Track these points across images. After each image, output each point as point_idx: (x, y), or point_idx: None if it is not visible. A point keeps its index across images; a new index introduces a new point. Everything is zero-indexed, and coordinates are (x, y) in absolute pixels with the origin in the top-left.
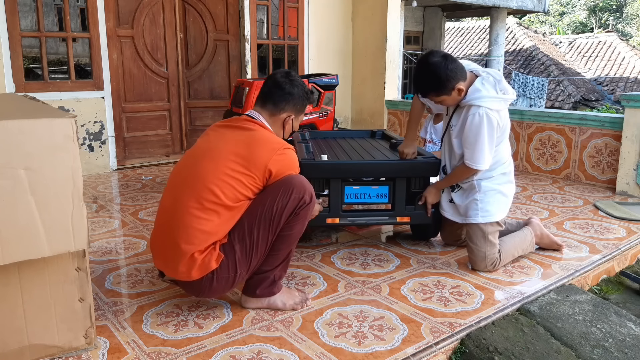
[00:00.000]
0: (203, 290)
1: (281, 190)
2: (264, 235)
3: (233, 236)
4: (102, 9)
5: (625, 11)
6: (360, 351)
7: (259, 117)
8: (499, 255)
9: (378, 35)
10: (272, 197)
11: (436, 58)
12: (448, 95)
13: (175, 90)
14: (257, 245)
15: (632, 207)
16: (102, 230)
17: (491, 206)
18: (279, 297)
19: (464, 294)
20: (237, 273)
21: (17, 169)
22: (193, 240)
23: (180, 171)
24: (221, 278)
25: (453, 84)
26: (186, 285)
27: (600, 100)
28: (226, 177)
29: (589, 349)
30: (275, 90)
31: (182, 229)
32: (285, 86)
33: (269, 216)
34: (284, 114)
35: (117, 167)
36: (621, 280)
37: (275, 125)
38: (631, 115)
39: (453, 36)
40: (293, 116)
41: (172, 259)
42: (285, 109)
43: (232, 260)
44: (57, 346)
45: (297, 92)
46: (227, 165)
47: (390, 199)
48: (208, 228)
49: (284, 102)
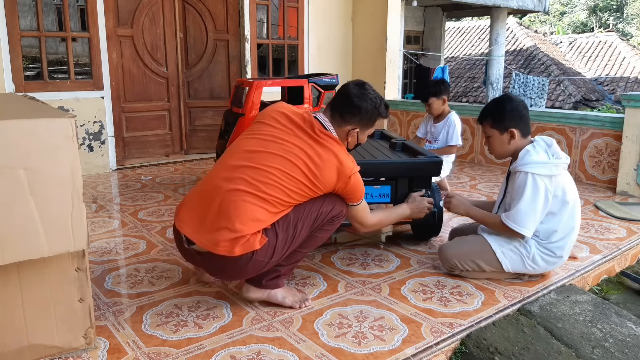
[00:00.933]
0: (233, 269)
1: (328, 198)
2: (304, 231)
3: (278, 225)
4: (101, 9)
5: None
6: (361, 351)
7: (329, 125)
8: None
9: (378, 35)
10: (320, 201)
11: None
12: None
13: (175, 90)
14: (296, 239)
15: (633, 207)
16: (102, 230)
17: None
18: (280, 291)
19: (464, 294)
20: (272, 259)
21: (17, 169)
22: (248, 223)
23: (246, 154)
24: (257, 261)
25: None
26: (214, 259)
27: (600, 100)
28: (292, 180)
29: (590, 349)
30: (344, 102)
31: (240, 210)
32: (354, 99)
33: (314, 216)
34: (349, 127)
35: (117, 167)
36: (622, 281)
37: (340, 136)
38: (632, 115)
39: (453, 36)
40: (358, 130)
41: (215, 232)
42: (350, 121)
43: (272, 246)
44: (57, 346)
45: (366, 106)
46: (295, 171)
47: (392, 198)
48: (263, 217)
49: (350, 115)
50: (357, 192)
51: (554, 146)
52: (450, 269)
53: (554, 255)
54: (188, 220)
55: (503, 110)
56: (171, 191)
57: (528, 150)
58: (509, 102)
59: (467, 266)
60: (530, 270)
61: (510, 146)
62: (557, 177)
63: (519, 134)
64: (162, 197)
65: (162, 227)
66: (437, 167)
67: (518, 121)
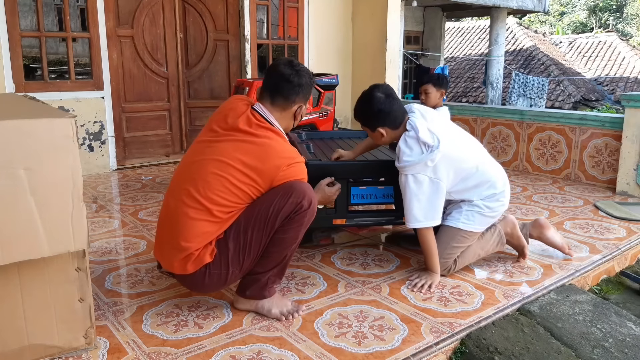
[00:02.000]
0: (196, 285)
1: (280, 193)
2: (257, 236)
3: (228, 234)
4: (102, 9)
5: (625, 11)
6: (361, 351)
7: (270, 116)
8: (453, 263)
9: (378, 35)
10: (270, 199)
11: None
12: (372, 132)
13: (175, 90)
14: (250, 246)
15: (633, 207)
16: (102, 230)
17: (474, 217)
18: (267, 302)
19: (464, 294)
20: (230, 271)
21: (17, 169)
22: (192, 239)
23: (185, 167)
24: (214, 274)
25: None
26: (181, 278)
27: (600, 100)
28: (230, 185)
29: (589, 349)
30: (284, 84)
31: (182, 226)
32: (294, 79)
33: (264, 218)
34: (295, 106)
35: (117, 167)
36: (621, 281)
37: (286, 119)
38: (631, 115)
39: (453, 36)
40: (303, 105)
41: (169, 253)
42: (296, 100)
43: (225, 257)
44: (57, 346)
45: (306, 81)
46: (233, 174)
47: (396, 199)
48: (208, 229)
49: (295, 94)
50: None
51: (421, 134)
52: (445, 270)
53: (495, 194)
54: (156, 244)
55: (367, 113)
56: None
57: (402, 149)
58: (369, 103)
59: (450, 258)
60: (495, 217)
61: (385, 139)
62: (437, 161)
63: (388, 129)
64: (162, 197)
65: None
66: None
67: (384, 120)
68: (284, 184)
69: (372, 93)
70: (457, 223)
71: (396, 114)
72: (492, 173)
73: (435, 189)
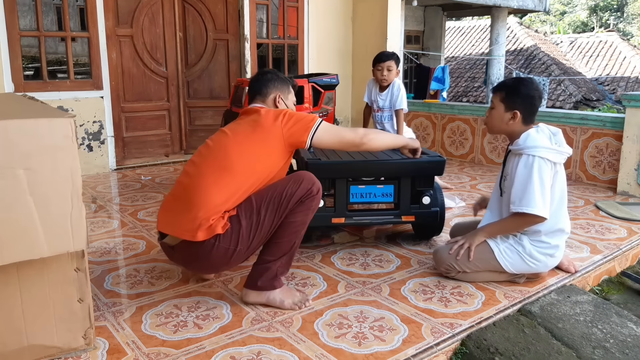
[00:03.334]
0: (200, 257)
1: (292, 179)
2: (270, 216)
3: (241, 211)
4: (101, 9)
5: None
6: (361, 352)
7: (256, 105)
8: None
9: (378, 35)
10: (283, 183)
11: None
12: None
13: (174, 90)
14: (262, 225)
15: (633, 207)
16: (101, 230)
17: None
18: (279, 293)
19: (465, 295)
20: (238, 248)
21: (16, 169)
22: (208, 207)
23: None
24: (221, 247)
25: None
26: (184, 250)
27: (601, 100)
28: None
29: (590, 349)
30: (255, 83)
31: (200, 194)
32: (259, 76)
33: (277, 199)
34: (272, 95)
35: (116, 167)
36: (622, 281)
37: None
38: (632, 115)
39: (453, 35)
40: (281, 94)
41: (181, 220)
42: (269, 91)
43: (237, 232)
44: (56, 347)
45: (271, 76)
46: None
47: (395, 198)
48: (223, 198)
49: (265, 86)
50: (301, 119)
51: (559, 135)
52: (447, 271)
53: (549, 245)
54: (162, 217)
55: (518, 90)
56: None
57: (530, 133)
58: (527, 86)
59: (464, 267)
60: (533, 268)
61: (507, 126)
62: (557, 165)
63: (521, 119)
64: (161, 197)
65: None
66: (440, 166)
67: (526, 106)
68: (292, 174)
69: (532, 79)
70: (495, 247)
71: (536, 110)
72: (564, 224)
73: (550, 185)
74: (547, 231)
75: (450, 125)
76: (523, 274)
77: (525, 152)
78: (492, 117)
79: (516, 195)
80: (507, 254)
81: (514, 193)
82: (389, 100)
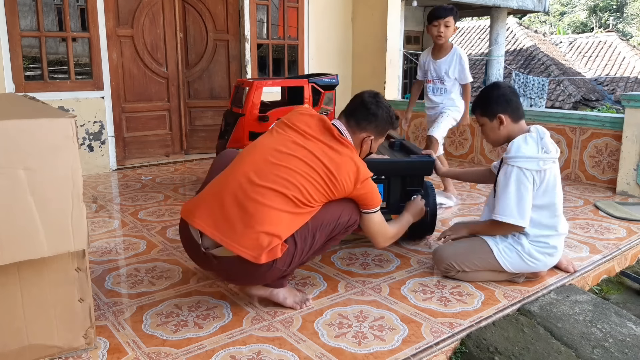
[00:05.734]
0: (252, 275)
1: (346, 209)
2: (322, 239)
3: (297, 233)
4: (101, 9)
5: (625, 11)
6: (361, 351)
7: (346, 132)
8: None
9: (378, 35)
10: (339, 210)
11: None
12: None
13: (175, 90)
14: (314, 247)
15: (633, 207)
16: (102, 230)
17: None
18: (282, 291)
19: (464, 294)
20: (289, 267)
21: (17, 169)
22: (278, 228)
23: (274, 148)
24: (276, 269)
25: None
26: (234, 265)
27: (600, 100)
28: (311, 183)
29: (590, 349)
30: (361, 109)
31: (266, 214)
32: (371, 107)
33: (332, 226)
34: (364, 134)
35: (117, 167)
36: (621, 281)
37: (355, 144)
38: (631, 115)
39: (453, 36)
40: (372, 137)
41: (242, 233)
42: (366, 128)
43: (291, 254)
44: (57, 346)
45: (382, 114)
46: (314, 175)
47: (385, 196)
48: (288, 221)
49: (367, 122)
50: (373, 197)
51: (546, 139)
52: (446, 270)
53: (548, 245)
54: (206, 216)
55: (489, 97)
56: (171, 191)
57: (519, 143)
58: (495, 89)
59: (464, 267)
60: (532, 267)
61: (501, 132)
62: (545, 171)
63: (509, 119)
64: (162, 197)
65: (162, 227)
66: (429, 166)
67: (505, 106)
68: (348, 203)
69: (496, 82)
70: (494, 246)
71: (518, 105)
72: (560, 224)
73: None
74: (545, 231)
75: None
76: (522, 274)
77: (507, 161)
78: (486, 132)
79: (496, 203)
80: (507, 253)
81: (496, 200)
82: (450, 71)
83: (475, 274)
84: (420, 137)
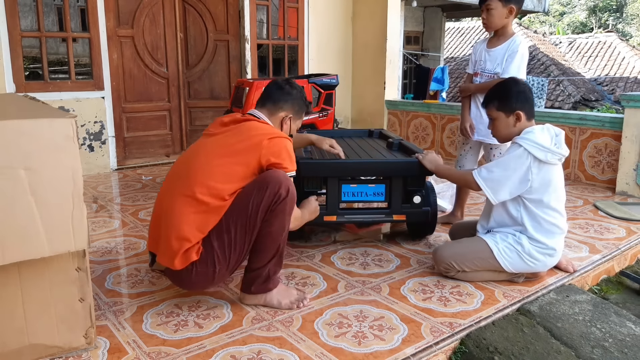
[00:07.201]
0: (184, 282)
1: (256, 187)
2: (241, 234)
3: (212, 232)
4: (102, 9)
5: (625, 11)
6: (360, 351)
7: (260, 114)
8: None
9: (378, 35)
10: (248, 195)
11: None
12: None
13: (175, 90)
14: (234, 244)
15: (632, 207)
16: (102, 230)
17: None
18: (275, 294)
19: (464, 294)
20: (216, 269)
21: (17, 169)
22: (186, 234)
23: (176, 166)
24: (200, 272)
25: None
26: (170, 274)
27: (600, 100)
28: (220, 173)
29: (589, 349)
30: (275, 90)
31: (176, 221)
32: (285, 87)
33: (244, 214)
34: (282, 113)
35: (117, 167)
36: (621, 280)
37: (274, 125)
38: (631, 115)
39: (453, 36)
40: (291, 116)
41: (162, 242)
42: (283, 107)
43: (211, 255)
44: (57, 346)
45: (296, 93)
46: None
47: (386, 197)
48: (198, 222)
49: (283, 101)
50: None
51: (561, 137)
52: (446, 270)
53: (546, 246)
54: (151, 239)
55: (509, 92)
56: None
57: (535, 130)
58: (516, 85)
59: (464, 267)
60: (532, 267)
61: (515, 129)
62: (549, 166)
63: (525, 117)
64: None
65: None
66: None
67: (524, 103)
68: (258, 177)
69: (514, 78)
70: (494, 246)
71: (533, 103)
72: (561, 224)
73: (523, 177)
74: (546, 226)
75: (449, 126)
76: (522, 274)
77: (516, 140)
78: (497, 127)
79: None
80: (506, 253)
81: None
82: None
83: (475, 274)
84: (420, 137)
